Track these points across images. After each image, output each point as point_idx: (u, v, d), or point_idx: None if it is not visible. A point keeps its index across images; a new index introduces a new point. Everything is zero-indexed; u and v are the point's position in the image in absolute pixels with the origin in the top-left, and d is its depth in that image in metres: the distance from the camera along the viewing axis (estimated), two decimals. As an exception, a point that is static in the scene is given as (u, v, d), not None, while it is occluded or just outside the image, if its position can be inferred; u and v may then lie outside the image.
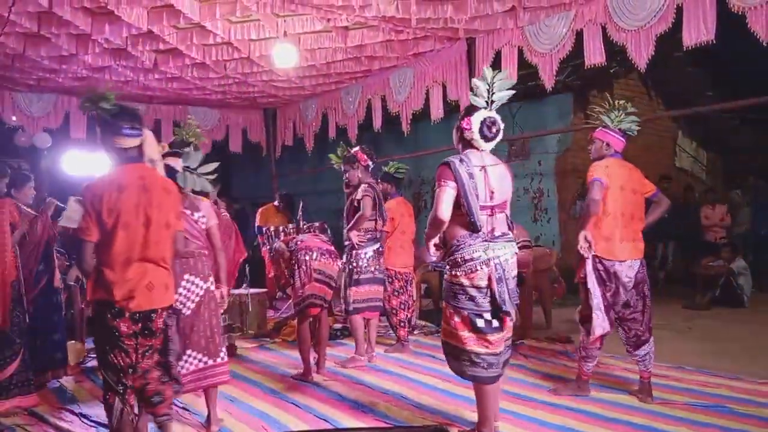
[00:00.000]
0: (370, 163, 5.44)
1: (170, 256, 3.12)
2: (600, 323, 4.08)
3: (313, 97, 9.10)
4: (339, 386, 4.68)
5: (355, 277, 5.23)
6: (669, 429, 3.59)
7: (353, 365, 5.22)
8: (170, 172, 3.61)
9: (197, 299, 3.69)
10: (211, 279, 3.80)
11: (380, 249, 5.43)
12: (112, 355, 2.95)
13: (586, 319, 4.13)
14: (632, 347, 4.18)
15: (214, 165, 3.93)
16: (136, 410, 3.06)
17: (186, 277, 3.65)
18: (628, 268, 4.09)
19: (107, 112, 3.08)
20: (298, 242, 4.98)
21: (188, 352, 3.65)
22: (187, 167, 3.77)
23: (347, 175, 5.41)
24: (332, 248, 5.09)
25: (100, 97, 3.07)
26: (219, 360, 3.79)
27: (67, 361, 4.94)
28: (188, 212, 3.70)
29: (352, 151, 5.45)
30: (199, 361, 3.70)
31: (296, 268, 4.82)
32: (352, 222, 5.23)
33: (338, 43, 6.30)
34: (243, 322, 6.64)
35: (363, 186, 5.25)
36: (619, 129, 4.24)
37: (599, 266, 4.08)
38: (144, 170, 3.09)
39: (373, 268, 5.32)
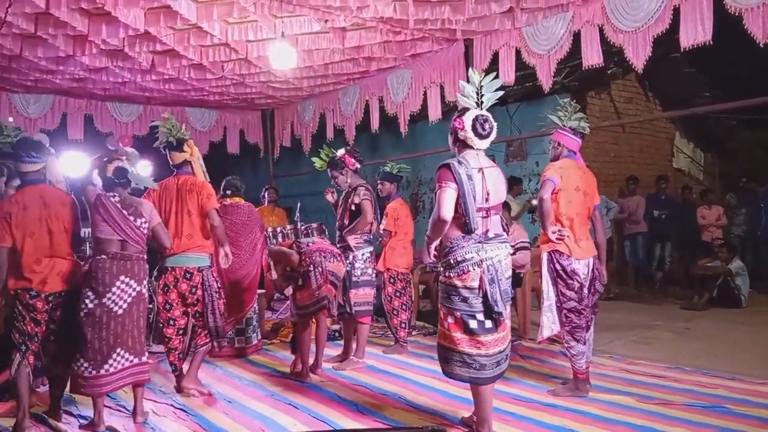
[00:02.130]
0: (359, 165, 5.42)
1: (70, 249, 3.92)
2: (549, 324, 4.23)
3: (310, 98, 9.11)
4: (337, 387, 4.67)
5: (354, 279, 5.20)
6: (667, 429, 3.59)
7: (351, 367, 5.21)
8: (121, 172, 3.94)
9: (129, 300, 3.89)
10: (145, 282, 4.00)
11: (373, 251, 5.43)
12: (23, 324, 3.75)
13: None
14: None
15: (147, 164, 4.47)
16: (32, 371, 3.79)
17: (122, 278, 3.85)
18: (585, 266, 4.22)
19: (9, 144, 3.96)
20: (309, 244, 4.95)
21: (117, 350, 3.83)
22: (132, 164, 4.07)
23: (336, 180, 5.39)
24: (338, 250, 5.09)
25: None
26: (144, 359, 3.99)
27: None
28: (131, 219, 3.91)
29: (339, 155, 5.36)
30: (126, 359, 3.88)
31: (312, 269, 4.79)
32: (352, 225, 5.20)
33: (336, 44, 6.30)
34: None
35: (361, 189, 5.23)
36: (570, 128, 4.32)
37: (557, 266, 4.19)
38: (44, 190, 3.89)
39: (370, 270, 5.32)
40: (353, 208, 5.22)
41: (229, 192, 5.84)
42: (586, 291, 4.25)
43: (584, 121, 4.39)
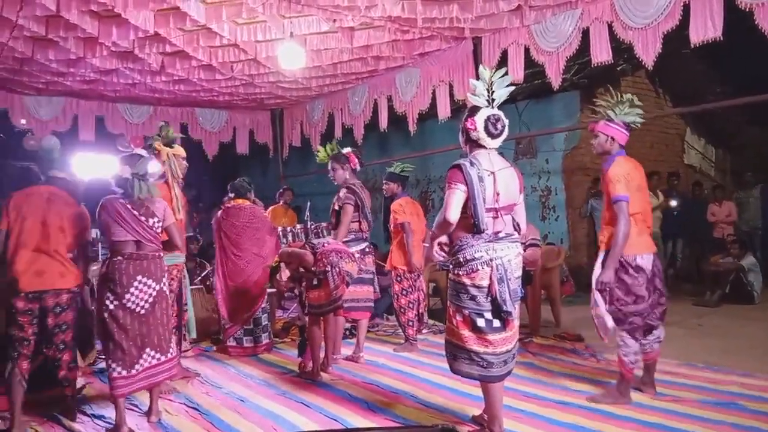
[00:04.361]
0: (359, 167, 5.53)
1: (65, 250, 3.94)
2: (602, 325, 4.03)
3: (319, 98, 9.13)
4: (348, 385, 4.69)
5: None
6: (679, 426, 3.58)
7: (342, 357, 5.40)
8: (119, 180, 3.88)
9: (151, 299, 3.87)
10: (164, 280, 3.98)
11: (366, 249, 5.45)
12: (10, 327, 3.82)
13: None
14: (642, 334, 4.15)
15: (158, 167, 4.31)
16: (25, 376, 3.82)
17: (139, 278, 3.82)
18: (646, 261, 4.04)
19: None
20: (324, 244, 4.96)
21: (147, 349, 3.84)
22: (136, 174, 3.88)
23: (334, 173, 5.48)
24: (351, 251, 5.11)
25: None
26: (169, 356, 3.99)
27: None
28: (143, 219, 3.87)
29: (345, 152, 5.50)
30: (153, 357, 3.89)
31: (329, 269, 4.79)
32: (336, 233, 5.31)
33: (344, 44, 6.31)
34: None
35: (343, 191, 5.34)
36: (623, 122, 4.08)
37: (621, 263, 3.98)
38: (55, 189, 4.04)
39: (364, 267, 5.35)
40: (337, 207, 5.36)
41: (232, 194, 5.93)
42: (652, 288, 4.06)
43: (639, 117, 4.12)
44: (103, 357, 4.05)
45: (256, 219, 5.90)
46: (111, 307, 3.76)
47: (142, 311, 3.82)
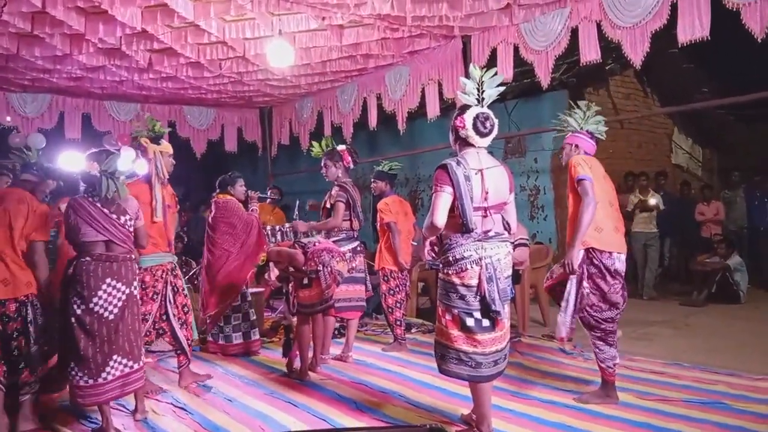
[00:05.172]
0: (352, 165, 5.53)
1: (15, 251, 3.73)
2: (563, 321, 4.04)
3: (308, 96, 9.10)
4: (336, 385, 4.67)
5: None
6: (666, 425, 3.59)
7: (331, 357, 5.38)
8: (87, 177, 3.73)
9: (120, 303, 3.70)
10: (135, 284, 3.84)
11: (357, 248, 5.44)
12: None
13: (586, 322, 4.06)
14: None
15: (129, 165, 4.12)
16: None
17: (108, 281, 3.65)
18: (621, 263, 4.01)
19: (27, 160, 4.16)
20: (315, 243, 4.94)
21: (114, 357, 3.67)
22: (105, 171, 3.74)
23: (326, 170, 5.48)
24: (341, 250, 5.08)
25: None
26: (141, 364, 3.86)
27: None
28: (114, 217, 3.72)
29: (339, 149, 5.49)
30: (125, 366, 3.73)
31: (321, 268, 4.77)
32: (319, 223, 5.32)
33: (333, 42, 6.29)
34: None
35: (335, 189, 5.33)
36: (587, 131, 4.15)
37: (591, 268, 3.95)
38: (14, 190, 3.94)
39: (354, 265, 5.35)
40: (328, 205, 5.35)
41: (218, 189, 5.93)
42: (624, 292, 4.02)
43: (602, 125, 4.19)
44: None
45: (229, 213, 5.78)
46: (78, 312, 3.60)
47: (111, 316, 3.65)
